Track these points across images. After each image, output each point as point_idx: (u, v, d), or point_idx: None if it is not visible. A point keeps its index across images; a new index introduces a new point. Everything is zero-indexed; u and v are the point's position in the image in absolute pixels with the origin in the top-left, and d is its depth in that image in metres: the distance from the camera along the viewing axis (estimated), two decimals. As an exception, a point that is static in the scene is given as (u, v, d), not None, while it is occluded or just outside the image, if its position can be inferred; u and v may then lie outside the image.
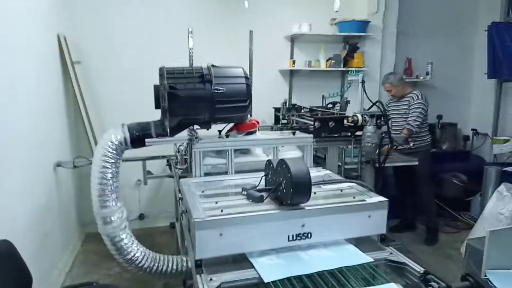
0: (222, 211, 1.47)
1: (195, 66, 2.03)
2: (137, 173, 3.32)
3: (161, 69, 1.93)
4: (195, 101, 1.92)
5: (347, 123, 2.72)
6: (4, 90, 2.25)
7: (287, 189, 1.47)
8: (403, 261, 1.48)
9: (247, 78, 2.05)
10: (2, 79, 2.23)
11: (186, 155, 2.71)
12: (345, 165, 2.82)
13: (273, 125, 3.55)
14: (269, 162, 1.72)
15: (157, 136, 1.97)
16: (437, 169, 4.16)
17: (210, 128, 2.11)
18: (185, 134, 2.14)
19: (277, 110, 3.62)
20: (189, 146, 2.13)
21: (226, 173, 2.11)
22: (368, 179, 2.87)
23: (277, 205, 1.54)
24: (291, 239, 1.47)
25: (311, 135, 2.25)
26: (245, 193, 1.68)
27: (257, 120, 2.21)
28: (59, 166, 3.00)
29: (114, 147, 1.92)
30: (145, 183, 2.92)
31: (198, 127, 2.10)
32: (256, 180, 1.96)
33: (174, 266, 2.17)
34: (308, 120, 3.08)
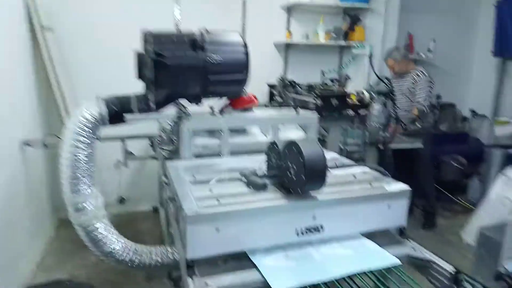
0: (218, 201, 1.22)
1: (185, 30, 1.73)
2: (117, 153, 3.03)
3: (145, 34, 1.63)
4: (185, 71, 1.64)
5: (352, 101, 2.49)
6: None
7: (297, 175, 1.23)
8: (429, 258, 1.28)
9: (245, 46, 1.77)
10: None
11: (172, 134, 2.44)
12: (346, 147, 2.60)
13: (267, 104, 3.28)
14: (273, 144, 1.47)
15: (139, 112, 1.69)
16: (436, 151, 3.99)
17: (201, 103, 1.84)
18: (171, 110, 1.87)
19: (271, 87, 3.34)
20: (177, 124, 1.85)
21: (219, 155, 1.85)
22: (372, 162, 2.67)
23: (283, 194, 1.30)
24: (300, 233, 1.25)
25: (315, 113, 2.00)
26: (244, 179, 1.43)
27: (255, 96, 1.94)
28: (27, 145, 2.66)
29: (89, 124, 1.63)
30: (126, 164, 2.64)
31: (187, 102, 1.82)
32: (255, 164, 1.71)
33: (159, 259, 1.93)
34: (307, 97, 2.83)
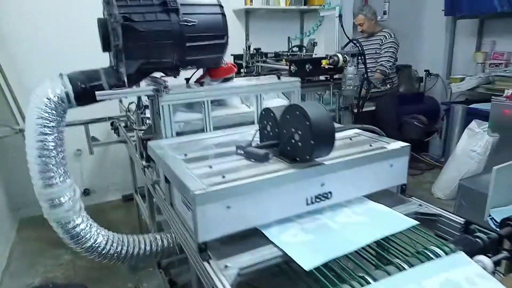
0: (224, 177, 1.11)
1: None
2: (76, 141, 2.77)
3: (106, -4, 1.42)
4: (158, 37, 1.47)
5: (325, 65, 2.43)
6: None
7: (303, 141, 1.15)
8: (438, 213, 1.28)
9: (221, 6, 1.62)
10: None
11: (139, 111, 2.24)
12: (323, 112, 2.56)
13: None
14: (267, 111, 1.37)
15: (110, 88, 1.50)
16: (397, 112, 4.11)
17: (178, 76, 1.68)
18: (142, 85, 1.69)
19: (237, 57, 3.19)
20: (153, 100, 1.68)
21: (202, 130, 1.72)
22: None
23: (288, 163, 1.22)
24: (309, 202, 1.19)
25: (298, 78, 1.92)
26: (241, 151, 1.33)
27: (234, 64, 1.81)
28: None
29: (53, 105, 1.43)
30: (91, 152, 2.41)
31: (163, 74, 1.66)
32: (244, 136, 1.62)
33: (147, 247, 1.81)
34: (279, 64, 2.74)
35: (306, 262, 0.93)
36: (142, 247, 1.78)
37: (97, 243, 1.65)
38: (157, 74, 1.69)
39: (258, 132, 1.43)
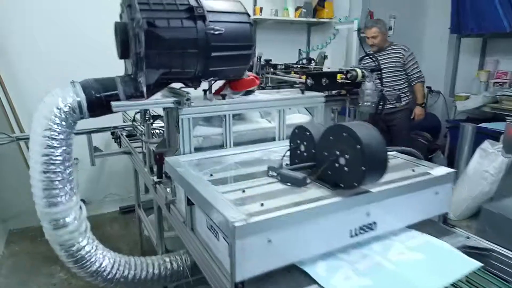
0: (262, 205, 0.98)
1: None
2: (74, 150, 2.58)
3: (127, -2, 1.30)
4: (183, 46, 1.34)
5: (340, 79, 2.33)
6: None
7: (351, 166, 1.03)
8: (490, 247, 1.17)
9: (249, 15, 1.52)
10: None
11: (143, 122, 2.10)
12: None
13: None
14: (301, 129, 1.25)
15: (127, 98, 1.37)
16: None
17: (199, 87, 1.56)
18: (158, 95, 1.56)
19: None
20: (169, 112, 1.55)
21: (221, 145, 1.59)
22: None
23: (329, 188, 1.10)
24: (353, 234, 1.08)
25: (322, 93, 1.82)
26: (274, 173, 1.21)
27: (256, 76, 1.69)
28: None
29: (63, 115, 1.28)
30: (93, 163, 2.25)
31: (183, 85, 1.53)
32: (267, 154, 1.50)
33: (156, 271, 1.67)
34: (290, 77, 2.64)
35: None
36: (150, 271, 1.64)
37: (103, 267, 1.50)
38: (174, 84, 1.57)
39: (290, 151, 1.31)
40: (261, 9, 3.39)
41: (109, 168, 3.21)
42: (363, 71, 2.33)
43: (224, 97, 1.55)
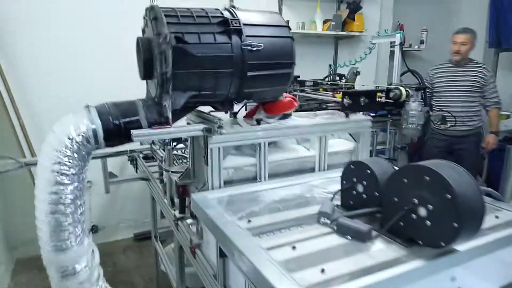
0: (323, 271, 0.76)
1: (207, 7, 1.23)
2: (87, 172, 2.41)
3: (153, 9, 1.11)
4: (216, 64, 1.15)
5: (384, 99, 2.10)
6: None
7: (437, 220, 0.80)
8: None
9: (289, 28, 1.32)
10: None
11: (163, 148, 1.91)
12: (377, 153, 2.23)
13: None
14: (359, 166, 1.03)
15: (149, 125, 1.17)
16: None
17: (231, 110, 1.36)
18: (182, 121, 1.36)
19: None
20: (195, 140, 1.35)
21: (254, 178, 1.37)
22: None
23: (401, 245, 0.87)
24: (436, 304, 0.83)
25: (369, 117, 1.60)
26: (327, 220, 0.98)
27: (293, 97, 1.48)
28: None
29: (76, 147, 1.09)
30: (107, 190, 2.06)
31: (214, 108, 1.33)
32: (308, 189, 1.28)
33: (177, 322, 1.44)
34: (322, 94, 2.44)
35: None
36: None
37: (116, 320, 1.28)
38: (201, 108, 1.37)
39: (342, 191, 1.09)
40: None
41: (124, 192, 3.02)
42: (407, 89, 2.10)
43: (259, 122, 1.34)
